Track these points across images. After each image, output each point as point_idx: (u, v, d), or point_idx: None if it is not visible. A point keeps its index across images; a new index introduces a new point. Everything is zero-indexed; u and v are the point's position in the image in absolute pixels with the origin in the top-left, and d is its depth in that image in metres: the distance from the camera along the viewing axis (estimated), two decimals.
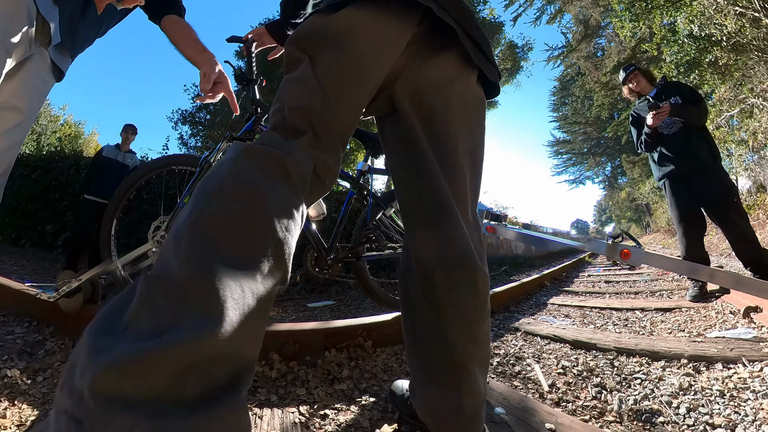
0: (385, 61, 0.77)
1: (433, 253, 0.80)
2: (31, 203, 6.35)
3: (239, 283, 0.49)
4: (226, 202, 0.56)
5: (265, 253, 0.54)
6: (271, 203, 0.57)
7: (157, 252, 1.60)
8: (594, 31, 27.20)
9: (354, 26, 0.74)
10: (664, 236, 22.13)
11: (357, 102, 0.75)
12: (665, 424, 1.10)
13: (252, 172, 0.60)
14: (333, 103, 0.71)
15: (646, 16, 9.00)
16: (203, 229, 0.53)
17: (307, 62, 0.74)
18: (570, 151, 43.08)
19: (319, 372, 1.44)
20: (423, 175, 0.82)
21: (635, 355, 1.68)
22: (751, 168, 12.36)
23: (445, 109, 0.83)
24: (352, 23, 0.74)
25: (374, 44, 0.75)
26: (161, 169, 1.74)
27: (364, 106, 0.80)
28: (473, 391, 0.79)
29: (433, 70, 0.83)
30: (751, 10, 7.42)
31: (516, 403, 1.19)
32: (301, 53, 0.76)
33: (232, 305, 0.46)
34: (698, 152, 2.73)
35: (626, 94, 3.21)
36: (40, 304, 1.68)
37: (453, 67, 0.85)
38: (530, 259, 11.83)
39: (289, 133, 0.69)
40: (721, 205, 2.70)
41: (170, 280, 0.48)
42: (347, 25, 0.74)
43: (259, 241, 0.55)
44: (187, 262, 0.49)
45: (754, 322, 2.03)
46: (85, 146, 19.65)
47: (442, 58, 0.84)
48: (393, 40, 0.77)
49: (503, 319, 2.56)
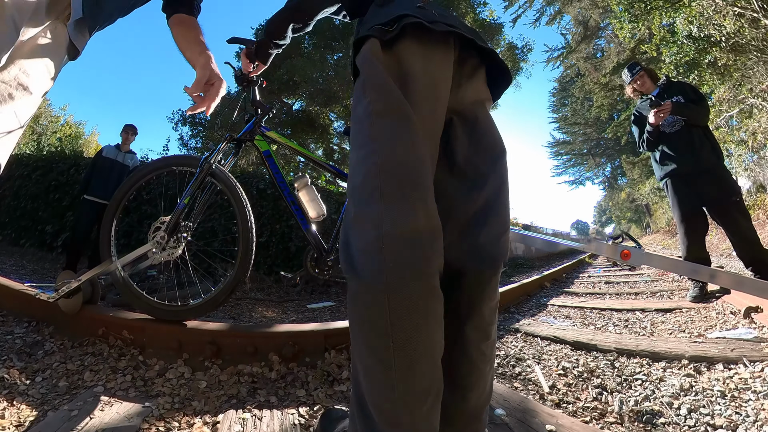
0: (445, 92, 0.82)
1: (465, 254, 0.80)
2: (31, 203, 6.34)
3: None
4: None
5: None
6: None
7: (156, 252, 1.60)
8: (593, 32, 27.22)
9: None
10: (664, 237, 22.11)
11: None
12: (666, 425, 1.11)
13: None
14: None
15: (645, 17, 9.02)
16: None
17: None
18: (570, 152, 43.09)
19: (319, 373, 1.44)
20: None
21: (636, 356, 1.68)
22: (751, 168, 12.36)
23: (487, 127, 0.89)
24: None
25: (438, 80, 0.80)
26: (161, 170, 1.74)
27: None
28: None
29: (470, 92, 0.88)
30: (749, 11, 7.43)
31: (516, 404, 1.19)
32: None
33: None
34: (701, 151, 2.72)
35: (629, 94, 3.19)
36: (40, 305, 1.68)
37: (483, 86, 0.91)
38: (530, 260, 11.82)
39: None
40: (723, 205, 2.68)
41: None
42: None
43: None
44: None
45: (754, 322, 2.03)
46: (86, 146, 19.60)
47: (475, 80, 0.89)
48: (447, 71, 0.82)
49: (503, 321, 2.56)
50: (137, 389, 1.28)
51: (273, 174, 1.78)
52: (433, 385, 0.63)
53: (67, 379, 1.31)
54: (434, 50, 0.80)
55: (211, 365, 1.44)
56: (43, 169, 6.53)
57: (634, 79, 3.08)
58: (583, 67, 28.81)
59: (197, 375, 1.38)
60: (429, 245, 0.65)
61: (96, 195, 4.49)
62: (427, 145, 0.74)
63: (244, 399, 1.25)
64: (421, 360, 0.62)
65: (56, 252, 5.77)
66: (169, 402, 1.19)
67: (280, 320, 2.97)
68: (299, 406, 1.21)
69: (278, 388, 1.34)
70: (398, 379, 0.61)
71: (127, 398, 1.19)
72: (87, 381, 1.31)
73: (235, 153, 1.80)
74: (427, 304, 0.63)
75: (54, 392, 1.23)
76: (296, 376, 1.42)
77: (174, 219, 1.59)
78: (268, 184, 5.20)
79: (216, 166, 1.66)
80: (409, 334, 0.62)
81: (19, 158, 7.09)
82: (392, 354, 0.61)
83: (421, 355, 0.62)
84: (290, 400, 1.26)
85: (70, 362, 1.42)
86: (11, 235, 6.35)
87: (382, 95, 0.75)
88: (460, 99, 0.86)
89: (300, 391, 1.32)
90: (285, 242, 5.03)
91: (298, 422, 1.10)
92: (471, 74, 0.88)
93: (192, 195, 1.60)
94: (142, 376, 1.36)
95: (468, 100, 0.87)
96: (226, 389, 1.30)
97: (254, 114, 1.79)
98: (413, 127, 0.72)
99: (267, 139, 1.79)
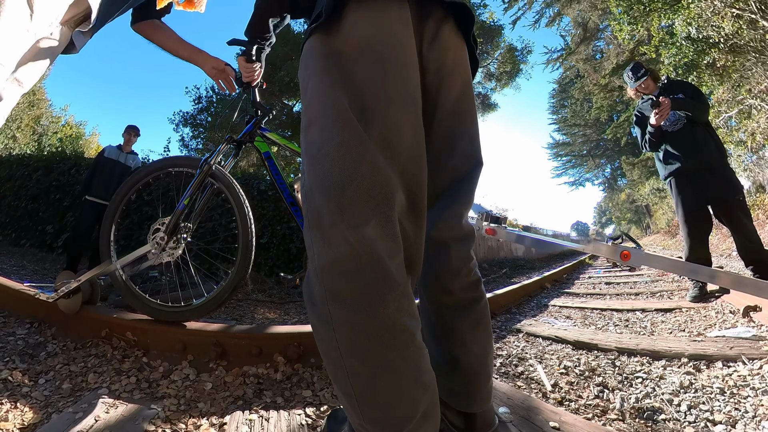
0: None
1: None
2: (32, 203, 6.35)
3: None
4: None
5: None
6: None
7: (156, 253, 1.60)
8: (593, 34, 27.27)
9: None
10: (664, 237, 22.11)
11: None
12: (667, 422, 1.12)
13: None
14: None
15: (644, 19, 9.05)
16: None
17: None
18: (570, 153, 43.12)
19: (325, 374, 1.45)
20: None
21: (636, 355, 1.69)
22: (750, 168, 12.38)
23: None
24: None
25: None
26: (160, 171, 1.74)
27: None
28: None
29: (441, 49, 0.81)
30: (748, 12, 7.46)
31: (520, 402, 1.21)
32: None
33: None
34: (705, 148, 2.70)
35: (631, 95, 3.16)
36: (41, 305, 1.68)
37: (454, 40, 0.84)
38: (530, 262, 11.83)
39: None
40: (728, 203, 2.67)
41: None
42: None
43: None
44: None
45: (753, 321, 2.04)
46: (86, 147, 19.55)
47: (444, 30, 0.82)
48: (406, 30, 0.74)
49: (505, 321, 2.57)
50: (142, 391, 1.28)
51: (273, 175, 1.79)
52: (411, 410, 0.60)
53: (70, 381, 1.31)
54: (385, 11, 0.73)
55: (216, 367, 1.44)
56: (44, 170, 6.54)
57: (639, 84, 3.03)
58: (583, 69, 28.85)
59: (202, 376, 1.38)
60: (363, 276, 0.61)
61: (97, 196, 4.49)
62: (382, 153, 0.67)
63: (251, 400, 1.26)
64: (387, 389, 0.60)
65: (57, 252, 5.77)
66: (175, 404, 1.19)
67: (282, 321, 2.98)
68: (306, 406, 1.21)
69: (284, 389, 1.35)
70: (362, 407, 0.60)
71: (132, 400, 1.19)
72: (91, 383, 1.31)
73: (235, 154, 1.81)
74: (380, 335, 0.59)
75: (57, 394, 1.22)
76: (302, 377, 1.43)
77: (174, 220, 1.59)
78: (269, 186, 5.21)
79: (216, 167, 1.66)
80: (362, 368, 0.60)
81: (20, 158, 7.11)
82: (350, 386, 0.60)
83: (386, 385, 0.60)
84: (297, 400, 1.27)
85: (73, 364, 1.42)
86: (12, 235, 6.35)
87: (317, 109, 0.71)
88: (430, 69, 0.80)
89: (306, 391, 1.32)
90: (286, 244, 5.04)
91: (305, 422, 1.10)
92: (436, 31, 0.80)
93: (192, 196, 1.61)
94: (146, 378, 1.36)
95: (441, 72, 0.81)
96: (232, 391, 1.30)
97: (254, 115, 1.80)
98: (353, 142, 0.66)
99: (267, 140, 1.80)
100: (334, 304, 0.61)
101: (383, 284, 0.61)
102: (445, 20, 0.82)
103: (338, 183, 0.64)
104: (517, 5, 28.13)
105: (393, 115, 0.69)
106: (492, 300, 2.84)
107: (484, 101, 20.77)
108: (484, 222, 1.52)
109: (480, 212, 1.54)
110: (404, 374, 0.60)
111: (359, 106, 0.68)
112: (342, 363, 0.60)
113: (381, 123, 0.67)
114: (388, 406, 0.60)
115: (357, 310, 0.59)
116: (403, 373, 0.60)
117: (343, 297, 0.60)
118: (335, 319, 0.60)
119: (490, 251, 11.67)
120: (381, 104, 0.68)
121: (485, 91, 20.76)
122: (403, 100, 0.70)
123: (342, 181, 0.64)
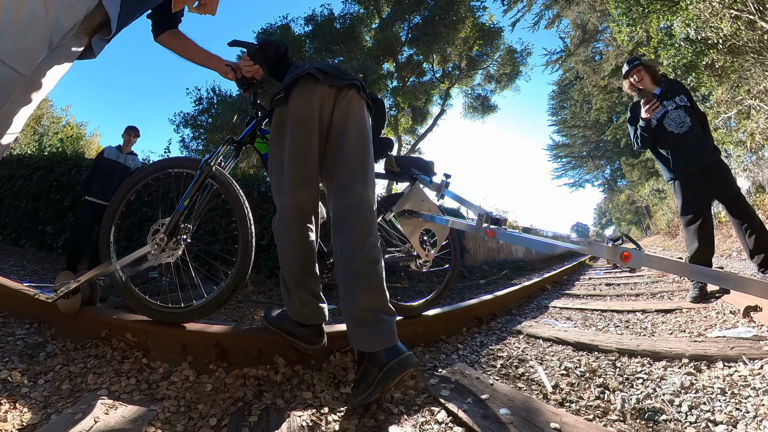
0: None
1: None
2: (32, 204, 6.36)
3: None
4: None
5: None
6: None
7: (155, 254, 1.60)
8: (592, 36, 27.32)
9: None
10: (664, 238, 22.11)
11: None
12: (668, 422, 1.12)
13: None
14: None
15: (643, 21, 9.07)
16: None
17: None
18: (569, 154, 43.16)
19: (325, 376, 1.45)
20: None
21: (637, 356, 1.69)
22: (750, 169, 12.39)
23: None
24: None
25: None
26: (160, 173, 1.73)
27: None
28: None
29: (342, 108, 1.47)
30: (746, 13, 7.47)
31: (521, 403, 1.20)
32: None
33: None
34: (709, 148, 2.76)
35: (627, 89, 3.12)
36: (41, 306, 1.67)
37: (356, 100, 1.49)
38: (531, 263, 11.83)
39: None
40: (734, 193, 2.74)
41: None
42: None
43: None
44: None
45: (754, 321, 2.04)
46: (87, 148, 19.51)
47: (347, 99, 1.47)
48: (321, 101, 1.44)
49: (505, 323, 2.57)
50: (142, 392, 1.28)
51: None
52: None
53: (70, 382, 1.30)
54: (311, 90, 1.41)
55: (216, 368, 1.44)
56: (44, 170, 6.56)
57: (630, 74, 3.02)
58: (582, 70, 28.91)
59: (202, 378, 1.38)
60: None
61: (97, 196, 4.49)
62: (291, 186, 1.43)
63: (251, 402, 1.25)
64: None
65: (57, 253, 5.78)
66: (175, 405, 1.19)
67: None
68: (306, 408, 1.21)
69: (284, 391, 1.34)
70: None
71: (131, 401, 1.19)
72: (90, 384, 1.30)
73: (235, 155, 1.81)
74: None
75: (57, 395, 1.21)
76: (302, 379, 1.43)
77: (173, 221, 1.58)
78: (269, 188, 5.21)
79: (216, 168, 1.66)
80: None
81: (20, 158, 7.12)
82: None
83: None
84: (297, 402, 1.26)
85: (72, 365, 1.41)
86: (12, 236, 6.36)
87: (270, 155, 1.54)
88: (335, 115, 1.45)
89: (306, 393, 1.32)
90: None
91: (306, 424, 1.10)
92: (344, 96, 1.46)
93: (192, 197, 1.61)
94: (146, 379, 1.35)
95: (340, 114, 1.45)
96: (232, 392, 1.30)
97: (255, 117, 1.80)
98: (281, 181, 1.46)
99: (267, 141, 1.80)
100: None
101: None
102: (350, 89, 1.47)
103: (280, 196, 1.46)
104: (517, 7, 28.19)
105: (297, 162, 1.41)
106: (493, 301, 2.84)
107: (483, 103, 20.79)
108: (485, 224, 1.51)
109: (481, 213, 1.54)
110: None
111: (283, 157, 1.44)
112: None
113: (290, 169, 1.41)
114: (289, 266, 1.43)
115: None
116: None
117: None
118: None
119: (490, 252, 11.67)
120: (292, 156, 1.41)
121: (485, 92, 20.79)
122: (306, 151, 1.42)
123: (281, 195, 1.45)
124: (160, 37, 1.61)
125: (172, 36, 1.63)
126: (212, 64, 1.75)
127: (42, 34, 0.93)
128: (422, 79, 19.02)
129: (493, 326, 2.44)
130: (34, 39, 0.93)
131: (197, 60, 1.72)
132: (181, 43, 1.66)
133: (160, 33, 1.60)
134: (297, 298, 1.39)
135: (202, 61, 1.74)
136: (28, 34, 0.91)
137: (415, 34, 17.33)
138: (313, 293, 1.41)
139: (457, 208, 7.99)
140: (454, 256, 2.16)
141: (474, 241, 10.05)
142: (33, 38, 0.93)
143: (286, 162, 1.39)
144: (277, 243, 1.44)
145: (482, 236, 1.65)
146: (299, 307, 1.39)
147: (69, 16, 0.97)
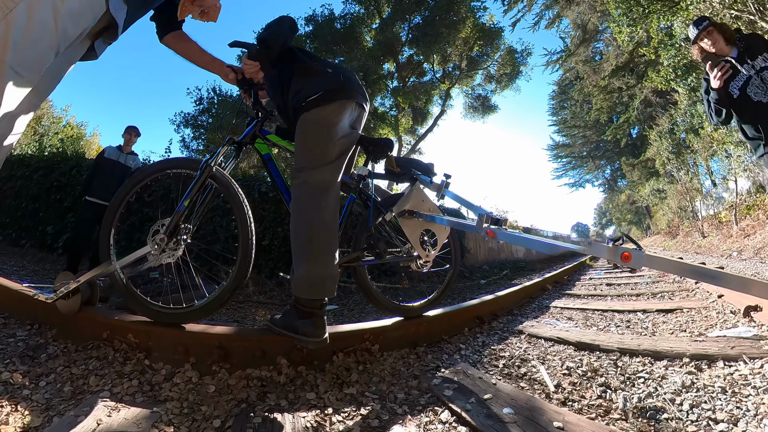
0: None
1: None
2: (33, 204, 6.36)
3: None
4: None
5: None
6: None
7: (155, 254, 1.60)
8: (592, 36, 27.35)
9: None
10: (664, 238, 22.11)
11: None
12: (669, 421, 1.12)
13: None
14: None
15: (643, 21, 9.08)
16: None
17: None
18: (569, 154, 43.20)
19: (328, 376, 1.45)
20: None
21: (638, 355, 1.69)
22: (750, 169, 12.39)
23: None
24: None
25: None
26: (160, 173, 1.73)
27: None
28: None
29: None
30: (746, 13, 7.48)
31: (523, 403, 1.21)
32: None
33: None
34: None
35: (696, 56, 2.59)
36: (41, 307, 1.67)
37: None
38: (531, 263, 11.82)
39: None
40: None
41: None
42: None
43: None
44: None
45: (754, 320, 2.04)
46: (87, 148, 19.45)
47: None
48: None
49: (507, 323, 2.57)
50: (144, 394, 1.27)
51: (274, 177, 1.79)
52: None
53: (71, 384, 1.29)
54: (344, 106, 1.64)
55: (219, 369, 1.43)
56: (44, 170, 6.56)
57: (699, 37, 2.47)
58: (582, 71, 28.94)
59: (205, 379, 1.37)
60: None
61: (97, 196, 4.48)
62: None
63: (254, 403, 1.25)
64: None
65: (57, 253, 5.77)
66: (178, 407, 1.18)
67: None
68: (310, 409, 1.21)
69: (288, 392, 1.34)
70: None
71: (134, 403, 1.18)
72: (92, 386, 1.28)
73: (236, 156, 1.81)
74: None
75: (59, 397, 1.20)
76: (305, 380, 1.43)
77: (174, 221, 1.58)
78: (270, 188, 5.22)
79: (217, 168, 1.66)
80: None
81: (20, 159, 7.12)
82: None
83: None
84: (300, 403, 1.26)
85: (74, 366, 1.40)
86: (12, 236, 6.36)
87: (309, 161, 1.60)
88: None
89: (310, 394, 1.32)
90: (287, 246, 5.03)
91: (310, 425, 1.10)
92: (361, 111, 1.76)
93: (192, 197, 1.61)
94: (149, 381, 1.34)
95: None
96: (236, 393, 1.30)
97: (255, 117, 1.81)
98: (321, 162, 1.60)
99: (268, 142, 1.80)
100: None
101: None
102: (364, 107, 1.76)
103: (322, 169, 1.60)
104: (517, 7, 28.23)
105: (336, 150, 1.60)
106: (494, 302, 2.84)
107: (484, 103, 20.82)
108: (485, 224, 1.51)
109: (481, 214, 1.54)
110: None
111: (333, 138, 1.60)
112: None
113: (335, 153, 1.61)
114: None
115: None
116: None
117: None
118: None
119: (490, 253, 11.67)
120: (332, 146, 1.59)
121: (485, 93, 20.82)
122: (340, 143, 1.61)
123: (323, 168, 1.60)
124: (165, 39, 1.64)
125: (177, 38, 1.66)
126: (214, 68, 1.79)
127: (51, 43, 0.96)
128: (422, 80, 19.06)
129: (495, 326, 2.45)
130: (43, 48, 0.96)
131: (199, 63, 1.76)
132: (186, 46, 1.70)
133: (165, 34, 1.63)
134: (325, 262, 1.49)
135: (204, 64, 1.78)
136: (38, 44, 0.95)
137: (415, 34, 17.37)
138: (336, 262, 1.53)
139: (458, 208, 7.99)
140: (455, 256, 2.17)
141: (474, 241, 10.05)
142: (42, 48, 0.96)
143: (336, 148, 1.59)
144: (313, 213, 1.53)
145: (482, 236, 1.65)
146: (324, 269, 1.47)
147: (76, 27, 1.00)
